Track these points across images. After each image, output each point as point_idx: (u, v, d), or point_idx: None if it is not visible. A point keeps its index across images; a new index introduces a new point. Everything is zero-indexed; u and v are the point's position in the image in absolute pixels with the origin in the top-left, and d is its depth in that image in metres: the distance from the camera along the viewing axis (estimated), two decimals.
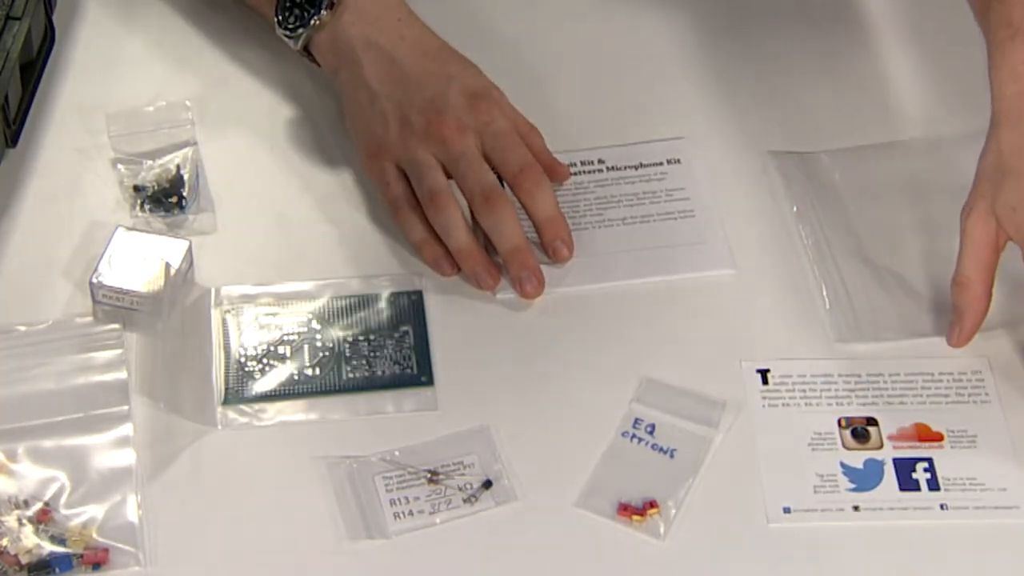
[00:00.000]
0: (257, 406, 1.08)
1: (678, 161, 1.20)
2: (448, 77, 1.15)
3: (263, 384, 1.08)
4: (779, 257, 1.17)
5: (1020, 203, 1.06)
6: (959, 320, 1.10)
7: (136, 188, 1.17)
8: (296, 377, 1.09)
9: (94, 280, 1.10)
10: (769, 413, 1.08)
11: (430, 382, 1.09)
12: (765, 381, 1.10)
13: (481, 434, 1.06)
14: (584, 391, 1.09)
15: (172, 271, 1.11)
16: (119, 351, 1.09)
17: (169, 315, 1.10)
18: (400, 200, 1.14)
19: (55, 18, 1.25)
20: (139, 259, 1.11)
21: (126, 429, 1.05)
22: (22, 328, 1.10)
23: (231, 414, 1.07)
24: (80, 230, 1.15)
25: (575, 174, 1.19)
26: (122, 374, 1.08)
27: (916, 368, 1.10)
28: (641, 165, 1.20)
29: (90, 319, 1.10)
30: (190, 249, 1.12)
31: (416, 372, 1.10)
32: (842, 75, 1.28)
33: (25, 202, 1.17)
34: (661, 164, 1.21)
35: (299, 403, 1.08)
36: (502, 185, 1.14)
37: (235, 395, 1.08)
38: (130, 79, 1.25)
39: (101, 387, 1.07)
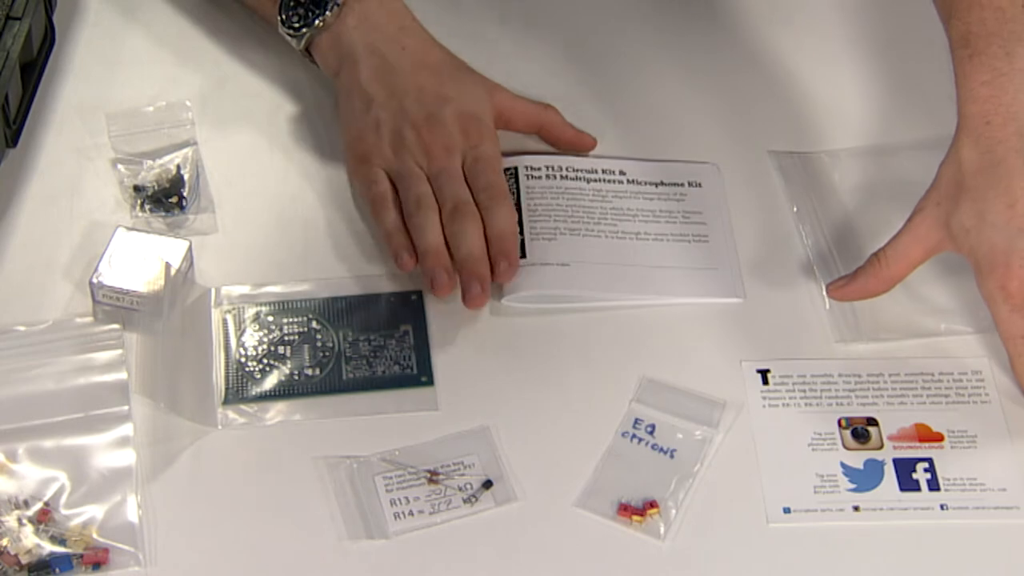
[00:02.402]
0: (257, 406, 1.08)
1: (699, 184, 1.20)
2: (445, 98, 1.16)
3: (263, 384, 1.08)
4: (779, 257, 1.17)
5: (973, 226, 1.07)
6: (851, 283, 1.11)
7: (136, 188, 1.17)
8: (296, 377, 1.09)
9: (94, 280, 1.10)
10: (769, 413, 1.08)
11: (430, 382, 1.09)
12: (765, 381, 1.10)
13: (481, 434, 1.06)
14: (584, 391, 1.09)
15: (172, 271, 1.11)
16: (119, 351, 1.09)
17: (169, 315, 1.10)
18: (384, 196, 1.15)
19: (55, 18, 1.25)
20: (139, 259, 1.11)
21: (126, 429, 1.05)
22: (22, 328, 1.10)
23: (231, 414, 1.07)
24: (80, 230, 1.15)
25: (596, 181, 1.19)
26: (122, 374, 1.08)
27: (916, 368, 1.11)
28: (662, 183, 1.20)
29: (90, 319, 1.10)
30: (190, 249, 1.13)
31: (416, 372, 1.10)
32: (842, 75, 1.28)
33: (25, 202, 1.17)
34: (682, 185, 1.20)
35: (299, 403, 1.08)
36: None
37: (235, 395, 1.08)
38: (130, 79, 1.25)
39: (101, 387, 1.07)
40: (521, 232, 1.15)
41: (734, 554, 1.02)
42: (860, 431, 1.08)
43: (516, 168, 1.19)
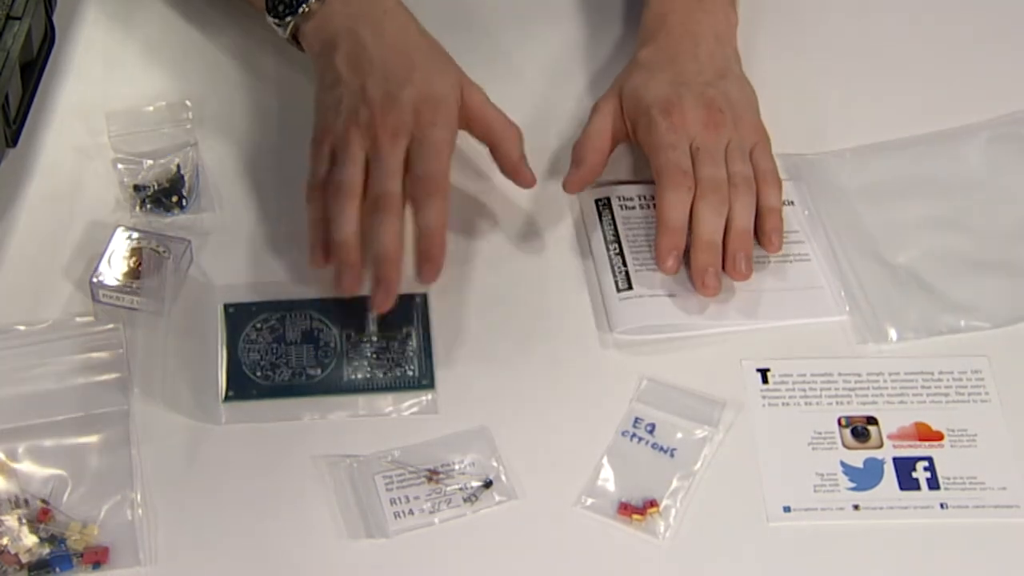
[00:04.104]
0: (259, 405, 1.07)
1: (791, 203, 1.19)
2: (408, 80, 1.14)
3: (265, 384, 1.08)
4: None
5: (642, 82, 1.19)
6: (576, 169, 1.18)
7: (136, 188, 1.17)
8: (298, 377, 1.09)
9: (94, 280, 1.10)
10: (769, 412, 1.08)
11: (431, 385, 1.09)
12: (765, 380, 1.10)
13: (481, 434, 1.06)
14: (584, 391, 1.09)
15: (172, 270, 1.11)
16: (119, 351, 1.09)
17: (169, 314, 1.10)
18: (316, 180, 1.12)
19: (55, 18, 1.25)
20: (139, 259, 1.11)
21: (126, 428, 1.05)
22: (22, 328, 1.10)
23: (232, 413, 1.07)
24: (80, 230, 1.15)
25: None
26: (122, 373, 1.08)
27: (916, 367, 1.11)
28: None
29: (90, 319, 1.10)
30: (190, 249, 1.13)
31: (417, 375, 1.09)
32: (842, 74, 1.28)
33: (25, 202, 1.17)
34: None
35: (300, 402, 1.08)
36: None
37: (237, 394, 1.08)
38: (130, 79, 1.25)
39: (101, 386, 1.07)
40: (624, 264, 1.14)
41: (734, 553, 1.03)
42: (860, 430, 1.08)
43: (609, 199, 1.18)
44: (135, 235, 1.12)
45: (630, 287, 1.13)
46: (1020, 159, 1.22)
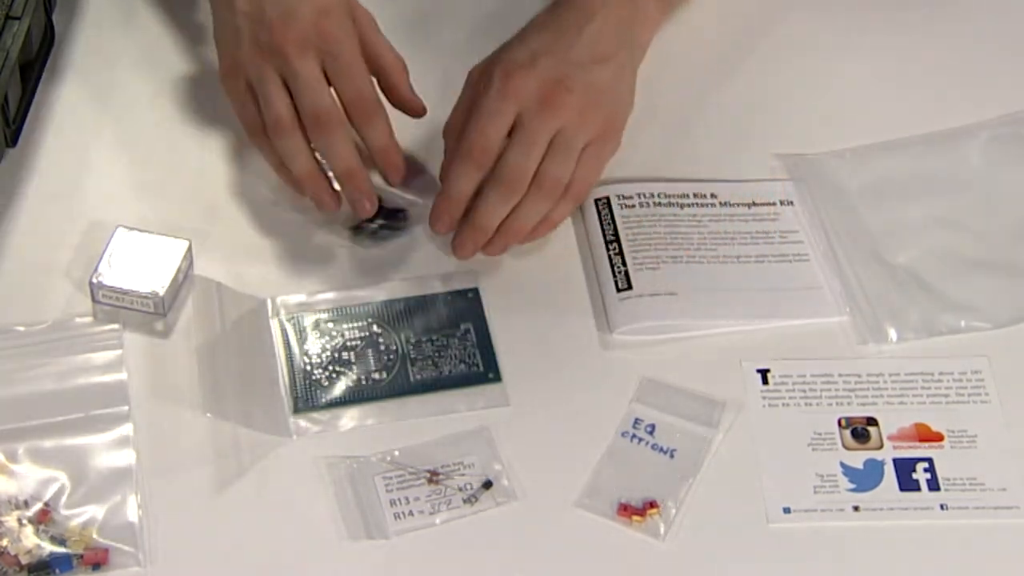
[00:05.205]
0: (329, 413, 1.07)
1: (791, 203, 1.19)
2: None
3: (332, 391, 1.08)
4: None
5: (510, 44, 1.13)
6: (447, 159, 1.13)
7: None
8: (364, 382, 1.08)
9: (94, 280, 1.10)
10: (769, 413, 1.08)
11: (498, 378, 1.09)
12: (765, 381, 1.10)
13: (481, 434, 1.06)
14: (584, 391, 1.09)
15: (173, 271, 1.11)
16: (119, 351, 1.09)
17: (168, 314, 1.10)
18: (253, 125, 1.14)
19: (55, 18, 1.25)
20: (139, 259, 1.11)
21: (126, 429, 1.05)
22: (22, 328, 1.09)
23: (303, 423, 1.07)
24: (80, 230, 1.15)
25: (688, 206, 1.18)
26: (122, 374, 1.08)
27: (916, 368, 1.11)
28: (754, 204, 1.19)
29: (90, 319, 1.10)
30: (190, 249, 1.12)
31: (483, 369, 1.09)
32: (842, 74, 1.28)
33: (25, 202, 1.17)
34: (774, 204, 1.19)
35: (370, 407, 1.07)
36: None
37: (305, 404, 1.07)
38: (130, 79, 1.25)
39: (101, 387, 1.07)
40: (624, 263, 1.14)
41: (734, 554, 1.03)
42: (860, 431, 1.08)
43: (608, 198, 1.18)
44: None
45: (630, 287, 1.13)
46: (1020, 159, 1.22)
